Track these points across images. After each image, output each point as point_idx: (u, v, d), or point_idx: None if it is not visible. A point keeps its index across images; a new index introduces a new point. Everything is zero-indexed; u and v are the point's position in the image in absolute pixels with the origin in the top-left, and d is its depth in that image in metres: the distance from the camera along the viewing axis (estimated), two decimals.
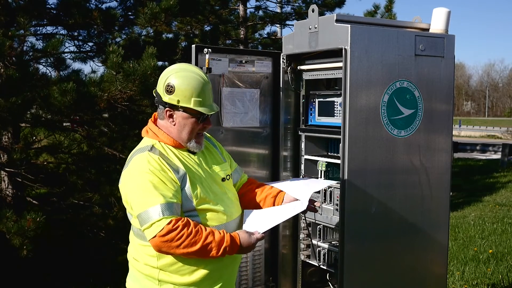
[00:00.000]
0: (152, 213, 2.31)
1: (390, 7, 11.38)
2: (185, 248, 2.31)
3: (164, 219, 2.30)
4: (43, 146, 7.80)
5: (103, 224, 7.29)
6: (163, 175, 2.39)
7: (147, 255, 2.46)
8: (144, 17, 6.83)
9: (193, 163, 2.54)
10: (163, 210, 2.31)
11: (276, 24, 12.04)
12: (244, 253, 2.52)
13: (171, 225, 2.30)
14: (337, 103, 3.59)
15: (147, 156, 2.43)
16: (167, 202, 2.33)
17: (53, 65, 7.38)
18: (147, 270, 2.47)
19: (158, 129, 2.55)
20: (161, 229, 2.29)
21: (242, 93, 3.68)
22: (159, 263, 2.43)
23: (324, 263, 3.67)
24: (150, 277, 2.47)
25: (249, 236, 2.46)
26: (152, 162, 2.40)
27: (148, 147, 2.48)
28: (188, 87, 2.48)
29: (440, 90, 3.52)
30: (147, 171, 2.37)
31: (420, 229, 3.51)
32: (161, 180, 2.37)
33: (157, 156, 2.43)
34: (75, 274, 7.02)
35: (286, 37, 3.77)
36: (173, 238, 2.29)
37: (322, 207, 3.64)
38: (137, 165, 2.43)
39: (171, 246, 2.31)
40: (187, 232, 2.31)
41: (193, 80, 2.50)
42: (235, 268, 2.65)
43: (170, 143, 2.53)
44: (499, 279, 5.78)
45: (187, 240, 2.31)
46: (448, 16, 3.60)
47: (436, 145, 3.54)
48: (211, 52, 3.45)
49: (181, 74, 2.52)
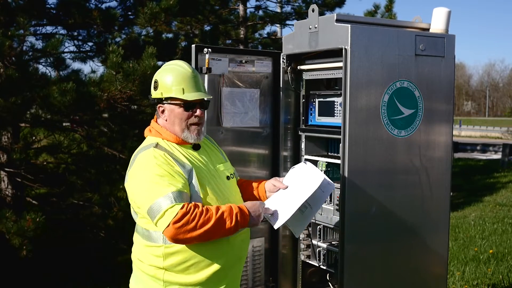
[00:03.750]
0: (163, 203, 2.30)
1: (390, 7, 11.38)
2: (201, 227, 2.30)
3: (176, 205, 2.30)
4: (43, 146, 7.81)
5: (103, 224, 7.29)
6: (170, 168, 2.40)
7: (152, 255, 2.45)
8: (144, 17, 6.84)
9: (198, 160, 2.56)
10: (175, 197, 2.31)
11: (276, 24, 12.04)
12: (256, 223, 2.49)
13: (184, 208, 2.29)
14: (337, 103, 3.58)
15: (152, 152, 2.44)
16: (178, 190, 2.33)
17: (52, 65, 7.38)
18: (152, 271, 2.46)
19: (160, 127, 2.58)
20: (175, 215, 2.28)
21: (242, 93, 3.68)
22: (165, 263, 2.43)
23: (324, 263, 3.66)
24: (155, 278, 2.46)
25: (253, 203, 2.50)
26: (158, 157, 2.42)
27: (152, 145, 2.49)
28: (168, 78, 2.53)
29: (440, 90, 3.52)
30: (154, 165, 2.39)
31: (420, 229, 3.51)
32: (169, 173, 2.38)
33: (163, 152, 2.45)
34: (75, 274, 7.02)
35: (286, 37, 3.77)
36: (188, 221, 2.28)
37: (323, 207, 3.63)
38: (143, 161, 2.44)
39: (187, 229, 2.29)
40: (199, 211, 2.31)
41: (173, 72, 2.55)
42: (240, 268, 2.65)
43: (173, 140, 2.55)
44: (500, 279, 5.77)
45: (202, 219, 2.30)
46: (448, 16, 3.59)
47: (436, 145, 3.53)
48: (211, 52, 3.44)
49: (164, 69, 2.60)
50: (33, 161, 7.70)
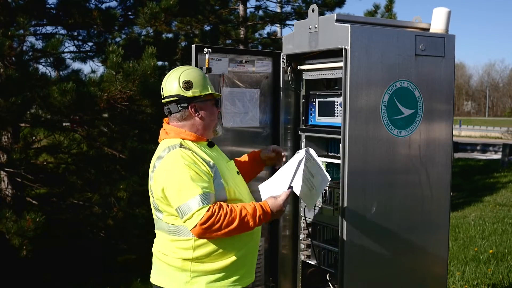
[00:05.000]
0: (192, 205, 2.47)
1: (390, 7, 11.37)
2: (226, 228, 2.49)
3: (203, 208, 2.47)
4: (43, 146, 7.81)
5: (103, 224, 7.29)
6: (198, 168, 2.56)
7: (180, 249, 2.61)
8: (144, 17, 6.84)
9: (215, 157, 2.73)
10: (202, 200, 2.48)
11: (276, 24, 12.04)
12: (277, 217, 2.70)
13: (210, 211, 2.47)
14: (337, 103, 3.58)
15: (180, 152, 2.58)
16: (204, 193, 2.50)
17: (52, 65, 7.39)
18: (179, 263, 2.62)
19: (179, 129, 2.72)
20: (202, 217, 2.46)
21: (242, 93, 3.68)
22: (194, 254, 2.60)
23: (324, 263, 3.66)
24: (182, 270, 2.61)
25: (275, 199, 2.64)
26: (186, 157, 2.56)
27: (177, 145, 2.63)
28: (201, 77, 2.75)
29: (441, 90, 3.52)
30: (183, 165, 2.54)
31: (420, 229, 3.51)
32: (197, 173, 2.53)
33: (190, 151, 2.60)
34: (75, 274, 7.02)
35: (286, 37, 3.77)
36: (213, 223, 2.47)
37: (323, 207, 3.63)
38: (171, 162, 2.58)
39: (213, 230, 2.48)
40: (223, 213, 2.49)
41: (197, 72, 2.78)
42: (256, 254, 2.85)
43: (192, 138, 2.70)
44: (500, 279, 5.77)
45: (226, 220, 2.49)
46: (448, 16, 3.59)
47: (436, 145, 3.53)
48: (211, 52, 3.44)
49: (187, 70, 2.76)
50: (33, 161, 7.70)
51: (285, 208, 2.68)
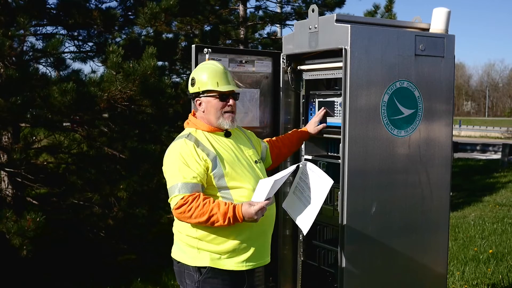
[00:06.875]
0: (173, 189, 2.78)
1: (390, 7, 11.37)
2: (196, 218, 2.72)
3: (179, 195, 2.75)
4: (43, 146, 7.80)
5: (103, 224, 7.28)
6: (190, 159, 2.80)
7: (187, 227, 2.87)
8: (144, 17, 6.83)
9: (226, 146, 2.94)
10: (180, 188, 2.75)
11: (276, 24, 12.02)
12: (251, 222, 2.77)
13: (183, 200, 2.73)
14: (337, 103, 3.59)
15: (182, 142, 2.86)
16: (185, 182, 2.75)
17: (53, 65, 7.38)
18: (189, 240, 2.89)
19: (195, 119, 3.01)
20: (176, 203, 2.74)
21: (242, 93, 3.67)
22: (197, 234, 2.85)
23: (324, 263, 3.66)
24: (191, 246, 2.88)
25: (249, 207, 2.74)
26: (184, 147, 2.83)
27: (185, 135, 2.92)
28: (204, 75, 2.95)
29: (440, 90, 3.52)
30: (177, 155, 2.82)
31: (420, 229, 3.51)
32: (185, 164, 2.78)
33: (192, 142, 2.85)
34: (75, 274, 7.02)
35: (286, 37, 3.77)
36: (184, 211, 2.73)
37: (323, 207, 3.63)
38: (171, 149, 2.89)
39: (185, 216, 2.74)
40: (196, 205, 2.72)
41: (208, 69, 2.96)
42: (266, 240, 3.00)
43: (206, 129, 2.96)
44: (499, 279, 5.78)
45: (196, 212, 2.71)
46: (448, 16, 3.60)
47: (436, 145, 3.54)
48: (211, 52, 3.45)
49: (199, 68, 3.02)
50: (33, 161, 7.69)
51: (258, 218, 2.74)
